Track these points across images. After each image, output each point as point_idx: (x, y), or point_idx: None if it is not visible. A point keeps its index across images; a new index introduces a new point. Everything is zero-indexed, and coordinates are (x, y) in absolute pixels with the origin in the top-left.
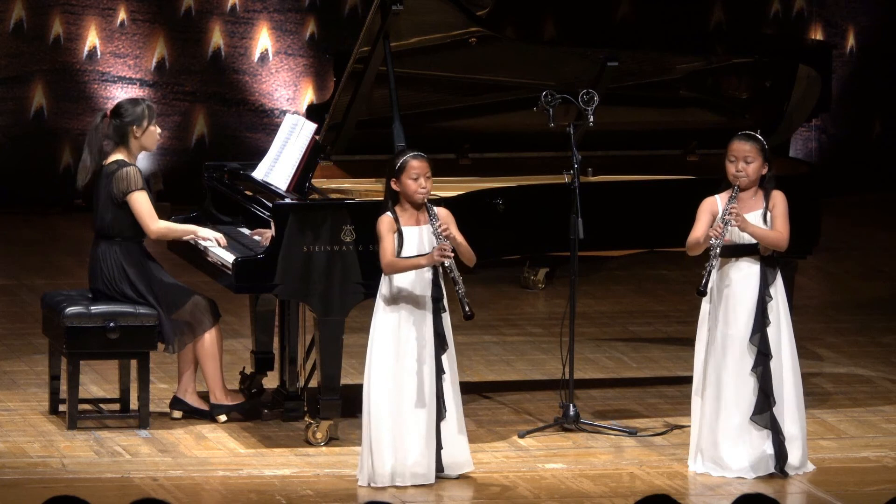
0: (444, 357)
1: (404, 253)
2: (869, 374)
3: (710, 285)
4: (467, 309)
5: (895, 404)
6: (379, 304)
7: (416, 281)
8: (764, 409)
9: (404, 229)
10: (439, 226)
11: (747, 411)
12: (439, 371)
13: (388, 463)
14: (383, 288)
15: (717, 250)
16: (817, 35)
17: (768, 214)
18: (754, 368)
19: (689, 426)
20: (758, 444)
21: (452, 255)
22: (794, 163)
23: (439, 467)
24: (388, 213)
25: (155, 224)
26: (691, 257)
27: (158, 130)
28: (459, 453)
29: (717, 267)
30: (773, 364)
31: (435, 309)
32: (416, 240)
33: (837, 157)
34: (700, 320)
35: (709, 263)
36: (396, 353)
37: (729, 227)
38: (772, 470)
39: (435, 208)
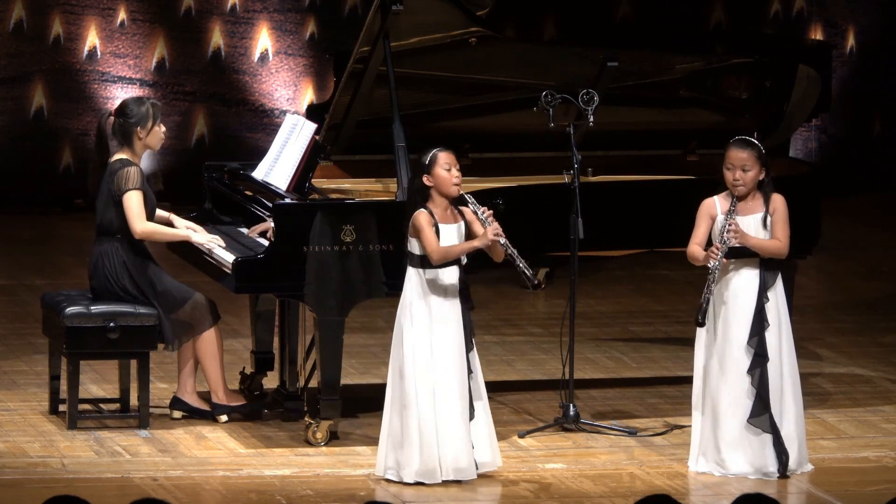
0: (471, 355)
1: None
2: (869, 374)
3: (704, 313)
4: (535, 280)
5: (895, 404)
6: (409, 299)
7: (447, 277)
8: (760, 413)
9: (441, 226)
10: (484, 211)
11: (745, 414)
12: (468, 370)
13: (436, 458)
14: (413, 283)
15: (716, 274)
16: (817, 35)
17: (768, 219)
18: (751, 371)
19: (689, 426)
20: (758, 447)
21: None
22: (794, 163)
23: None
24: (423, 210)
25: (141, 225)
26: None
27: (163, 130)
28: (487, 452)
29: (714, 294)
30: (771, 366)
31: (464, 309)
32: (454, 238)
33: (837, 157)
34: None
35: (706, 290)
36: (432, 347)
37: (728, 245)
38: (771, 470)
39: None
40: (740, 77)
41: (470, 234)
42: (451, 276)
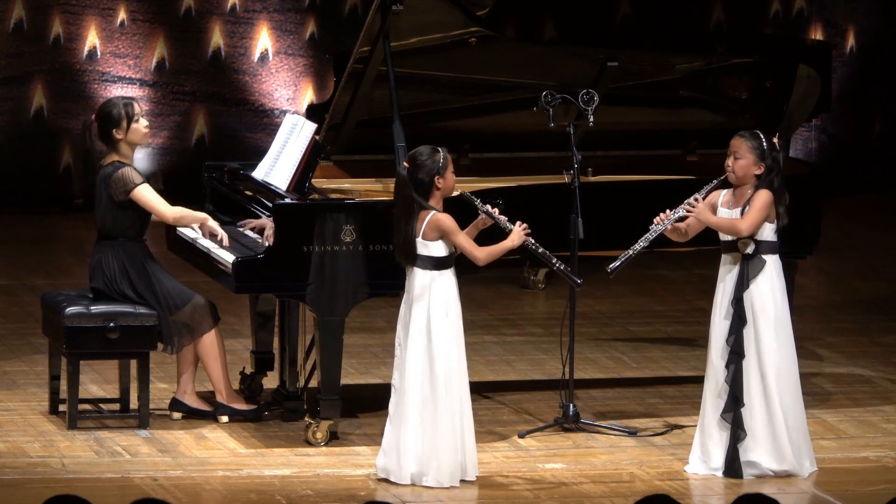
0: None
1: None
2: (869, 374)
3: (618, 267)
4: (578, 280)
5: (895, 404)
6: (440, 301)
7: (454, 281)
8: (730, 409)
9: None
10: (496, 212)
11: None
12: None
13: (462, 460)
14: (444, 285)
15: (651, 236)
16: (817, 35)
17: (746, 209)
18: (727, 366)
19: (690, 426)
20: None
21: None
22: (794, 163)
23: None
24: (442, 212)
25: (170, 209)
26: (692, 257)
27: (145, 124)
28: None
29: (637, 252)
30: (752, 363)
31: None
32: None
33: (837, 157)
34: None
35: (632, 247)
36: (459, 351)
37: (679, 214)
38: (717, 466)
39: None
40: (740, 77)
41: None
42: (455, 281)
